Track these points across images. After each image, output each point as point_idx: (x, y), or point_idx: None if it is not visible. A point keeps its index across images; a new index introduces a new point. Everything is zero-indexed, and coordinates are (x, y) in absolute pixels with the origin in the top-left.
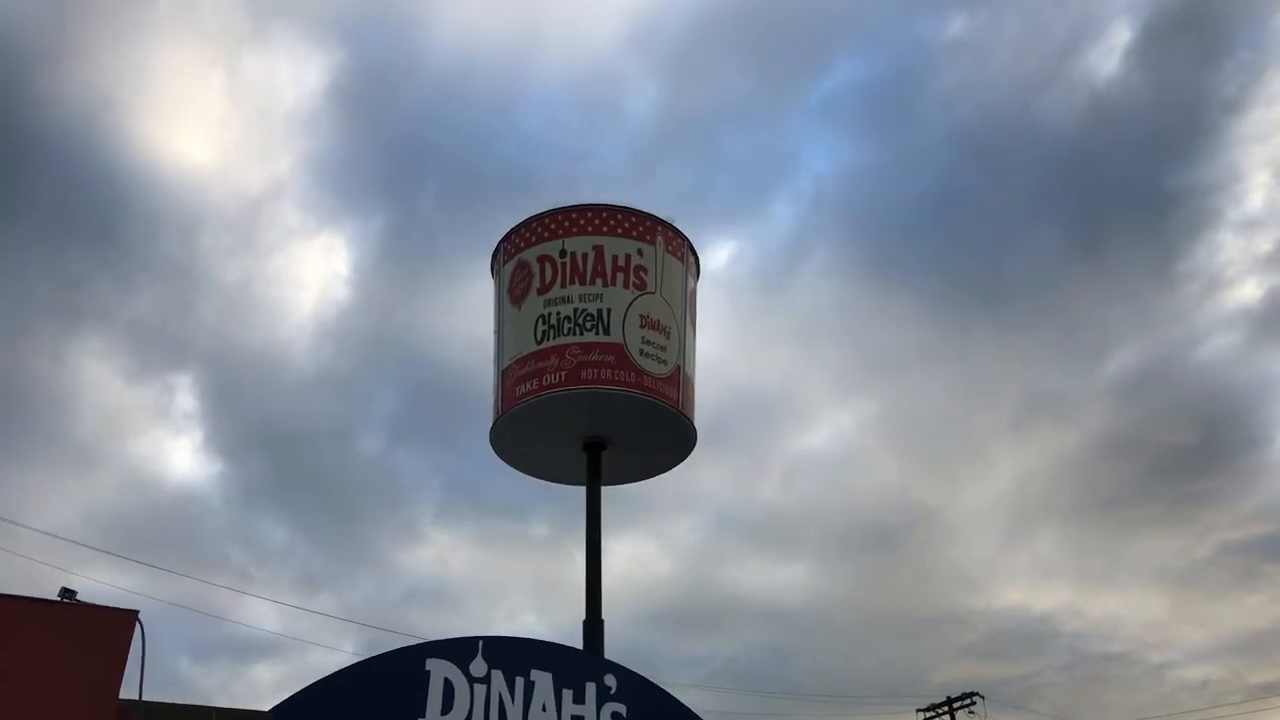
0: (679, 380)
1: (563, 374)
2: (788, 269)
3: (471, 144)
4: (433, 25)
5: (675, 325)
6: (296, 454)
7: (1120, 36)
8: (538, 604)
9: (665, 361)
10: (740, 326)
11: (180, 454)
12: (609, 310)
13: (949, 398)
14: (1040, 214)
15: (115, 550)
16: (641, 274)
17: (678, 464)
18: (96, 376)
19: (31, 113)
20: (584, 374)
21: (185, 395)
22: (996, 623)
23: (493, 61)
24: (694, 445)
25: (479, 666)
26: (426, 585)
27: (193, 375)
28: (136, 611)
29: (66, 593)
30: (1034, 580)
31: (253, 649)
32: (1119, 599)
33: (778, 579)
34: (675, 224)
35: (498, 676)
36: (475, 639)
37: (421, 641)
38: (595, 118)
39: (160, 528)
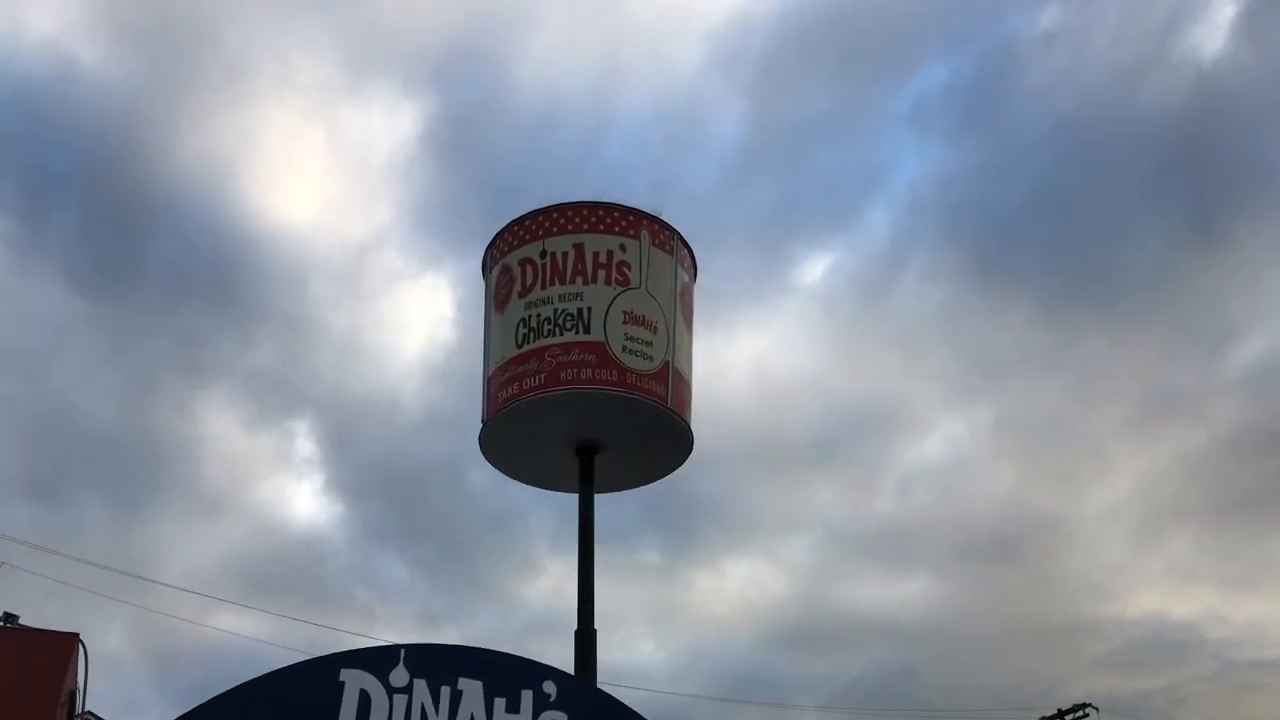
0: (668, 376)
1: (542, 376)
2: (887, 277)
3: (561, 178)
4: (517, 65)
5: (664, 320)
6: (412, 492)
7: (1224, 12)
8: (655, 631)
9: (651, 358)
10: (841, 339)
11: (302, 498)
12: (589, 309)
13: (1064, 399)
14: (1150, 204)
15: (247, 594)
16: (625, 269)
17: (677, 466)
18: (219, 426)
19: (148, 180)
20: (563, 375)
21: (304, 441)
22: (1132, 632)
23: (578, 95)
24: (691, 444)
25: (400, 676)
26: (545, 616)
27: (310, 421)
28: (76, 634)
29: (9, 616)
30: (1170, 586)
31: None
32: (1264, 603)
33: (896, 594)
34: (662, 217)
35: (420, 686)
36: (398, 647)
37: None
38: (681, 142)
39: (288, 570)
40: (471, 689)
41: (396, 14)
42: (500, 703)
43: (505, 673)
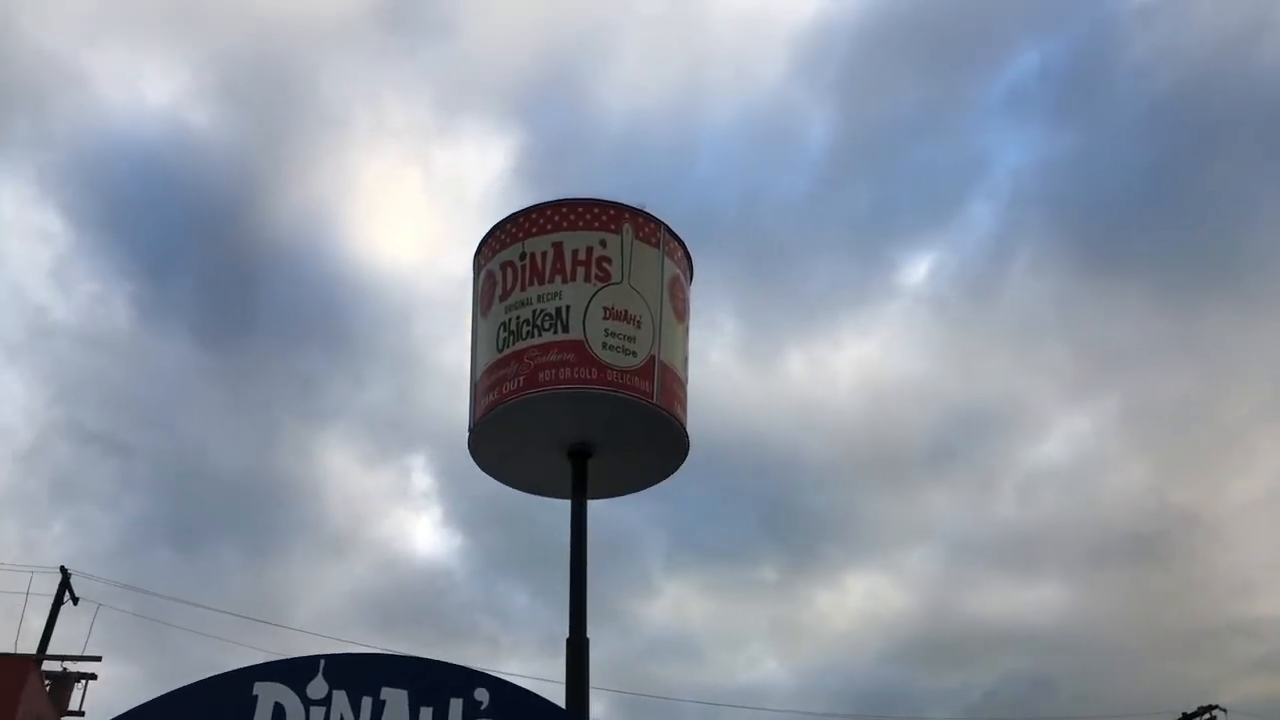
0: (653, 371)
1: (521, 379)
2: (994, 272)
3: (654, 198)
4: (602, 92)
5: (649, 314)
6: (526, 519)
7: None
8: (777, 650)
9: (634, 353)
10: (950, 339)
11: (422, 531)
12: (568, 307)
13: (1194, 387)
14: (1272, 174)
15: (376, 629)
16: (605, 265)
17: (676, 466)
18: (339, 466)
19: (259, 232)
20: (542, 376)
21: (421, 475)
22: None
23: (664, 115)
24: (685, 440)
25: (318, 688)
26: (666, 637)
27: (425, 455)
28: (30, 659)
29: None
30: None
31: None
32: None
33: (1027, 601)
34: (646, 210)
35: (340, 698)
36: (317, 658)
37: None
38: (771, 151)
39: (414, 604)
40: (395, 699)
41: (482, 52)
42: (427, 712)
43: (433, 680)
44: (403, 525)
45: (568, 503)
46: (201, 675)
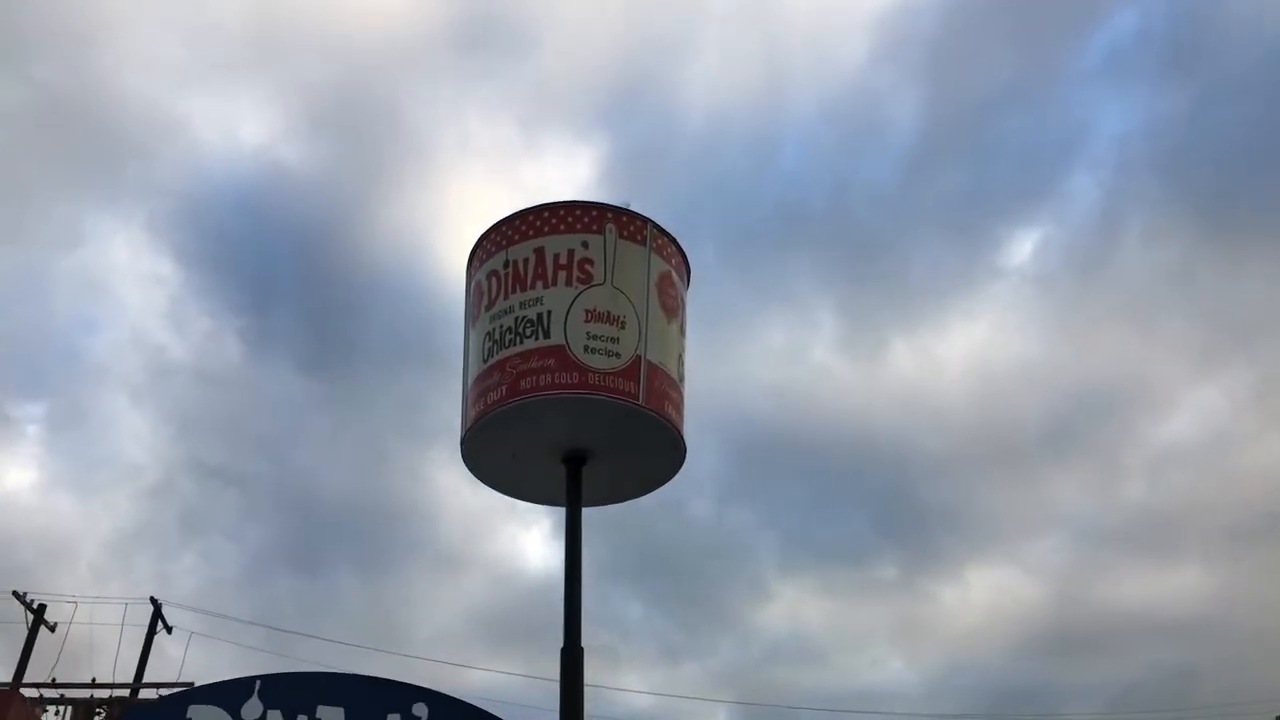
0: (639, 371)
1: (503, 388)
2: (1104, 245)
3: (740, 196)
4: (682, 94)
5: (633, 314)
6: (635, 528)
7: None
8: (903, 649)
9: (618, 354)
10: (1063, 318)
11: (532, 545)
12: (549, 312)
13: None
14: None
15: (495, 646)
16: (587, 267)
17: (675, 466)
18: (448, 485)
19: (355, 260)
20: (523, 383)
21: None
22: None
23: (745, 111)
24: (677, 441)
25: (253, 709)
26: (786, 642)
27: None
28: (13, 690)
29: None
30: None
31: None
32: None
33: (1165, 588)
34: (629, 208)
35: (275, 718)
36: (253, 679)
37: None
38: (857, 140)
39: (530, 618)
40: (332, 716)
41: (560, 65)
42: None
43: (369, 698)
44: (514, 540)
45: (678, 507)
46: None
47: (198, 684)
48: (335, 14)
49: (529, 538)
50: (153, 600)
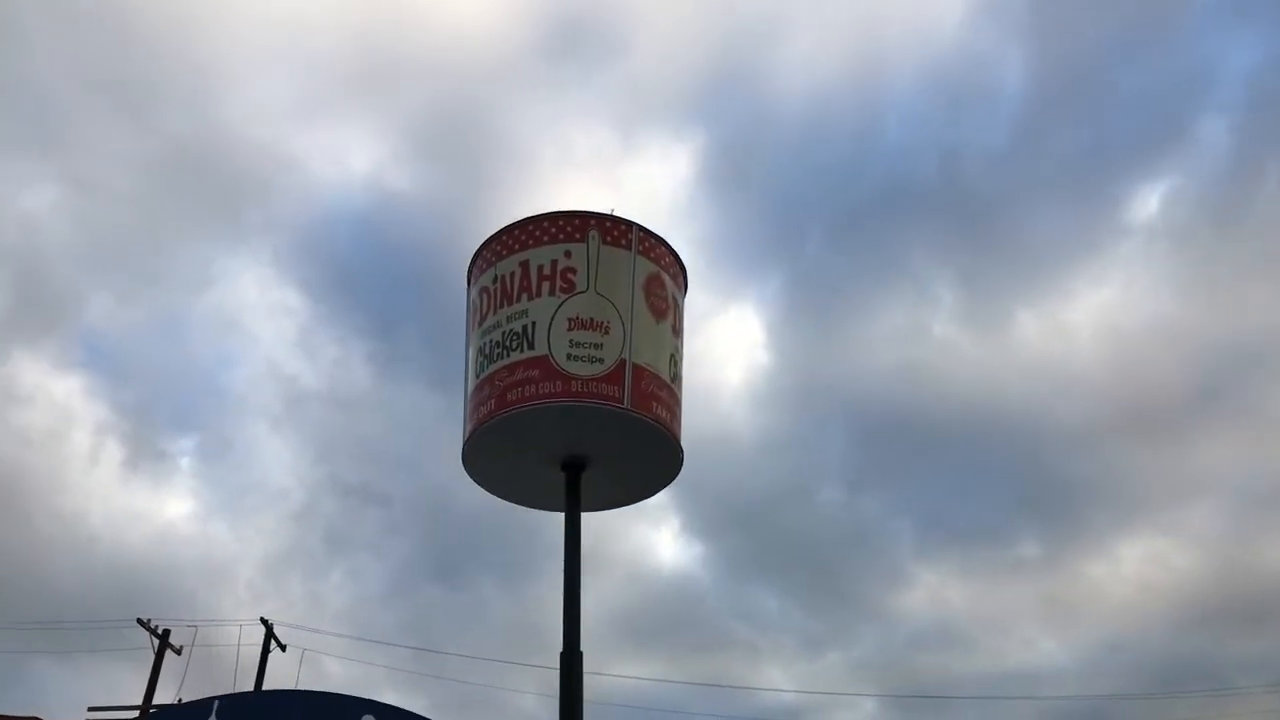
0: (623, 375)
1: (493, 402)
2: (1240, 191)
3: (845, 175)
4: (778, 78)
5: (618, 318)
6: (765, 521)
7: None
8: (1053, 629)
9: (601, 360)
10: (1198, 273)
11: (663, 544)
12: (534, 324)
13: None
14: None
15: (635, 645)
16: (569, 275)
17: (673, 467)
18: None
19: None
20: (510, 396)
21: None
22: None
23: (844, 88)
24: (670, 440)
25: None
26: (929, 627)
27: None
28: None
29: None
30: None
31: (777, 715)
32: None
33: None
34: (614, 214)
35: None
36: (211, 700)
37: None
38: (963, 106)
39: (668, 616)
40: None
41: (652, 63)
42: None
43: (320, 710)
44: (645, 539)
45: (807, 496)
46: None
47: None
48: (428, 39)
49: (659, 536)
50: (263, 621)
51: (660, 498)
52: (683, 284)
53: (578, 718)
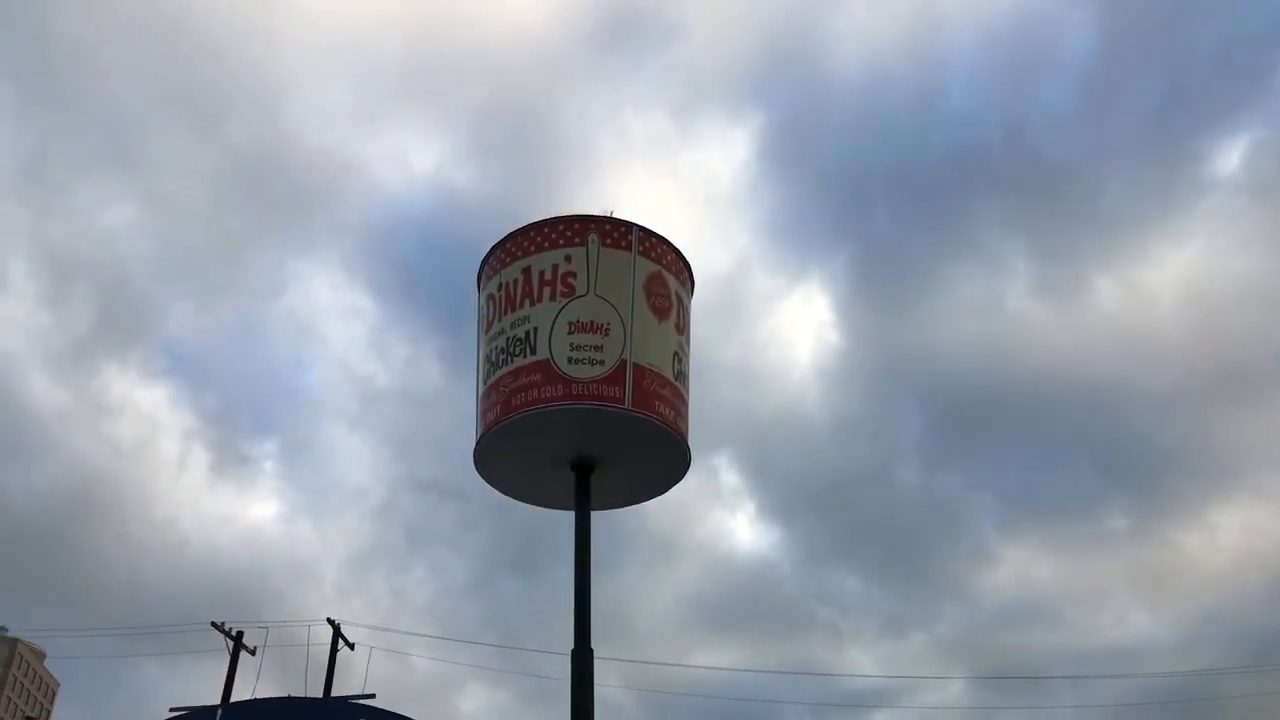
0: (624, 376)
1: (498, 408)
2: None
3: (908, 146)
4: (834, 53)
5: (618, 320)
6: (841, 501)
7: None
8: (1146, 602)
9: (602, 362)
10: None
11: (740, 529)
12: (536, 329)
13: None
14: None
15: (716, 630)
16: (570, 280)
17: (681, 460)
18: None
19: None
20: (514, 401)
21: (728, 474)
22: None
23: (903, 58)
24: (673, 437)
25: None
26: (1015, 604)
27: (727, 454)
28: None
29: None
30: None
31: (863, 697)
32: None
33: None
34: (612, 216)
35: None
36: (214, 708)
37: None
38: (1028, 68)
39: (747, 600)
40: None
41: (704, 46)
42: None
43: (318, 715)
44: (721, 525)
45: (885, 476)
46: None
47: (378, 694)
48: (483, 37)
49: (735, 522)
50: (330, 621)
51: (734, 482)
52: (688, 282)
53: (589, 713)
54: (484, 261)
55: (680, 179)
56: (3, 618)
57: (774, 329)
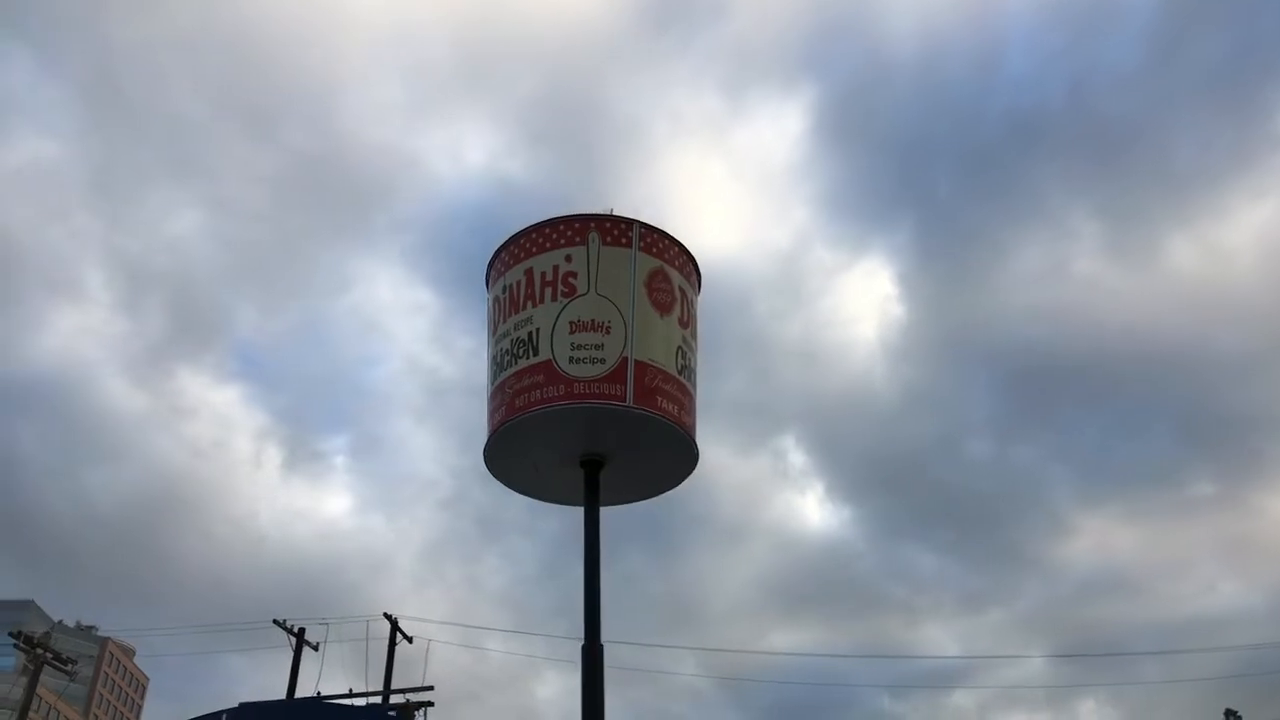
0: (625, 373)
1: (504, 409)
2: None
3: (967, 112)
4: (887, 19)
5: (619, 317)
6: (912, 477)
7: None
8: (1234, 571)
9: (603, 360)
10: None
11: (810, 508)
12: (538, 330)
13: None
14: None
15: (790, 611)
16: (570, 280)
17: (688, 451)
18: (716, 459)
19: None
20: (517, 403)
21: (796, 454)
22: None
23: (959, 22)
24: (677, 432)
25: None
26: (1097, 576)
27: (795, 434)
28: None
29: None
30: None
31: (943, 676)
32: None
33: None
34: (613, 214)
35: None
36: (220, 713)
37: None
38: (1089, 27)
39: (822, 580)
40: None
41: (753, 20)
42: None
43: (321, 716)
44: (790, 505)
45: (955, 450)
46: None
47: (435, 688)
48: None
49: (804, 502)
50: (387, 616)
51: (802, 462)
52: (693, 276)
53: (599, 708)
54: (490, 264)
55: (734, 156)
56: (93, 616)
57: (837, 305)
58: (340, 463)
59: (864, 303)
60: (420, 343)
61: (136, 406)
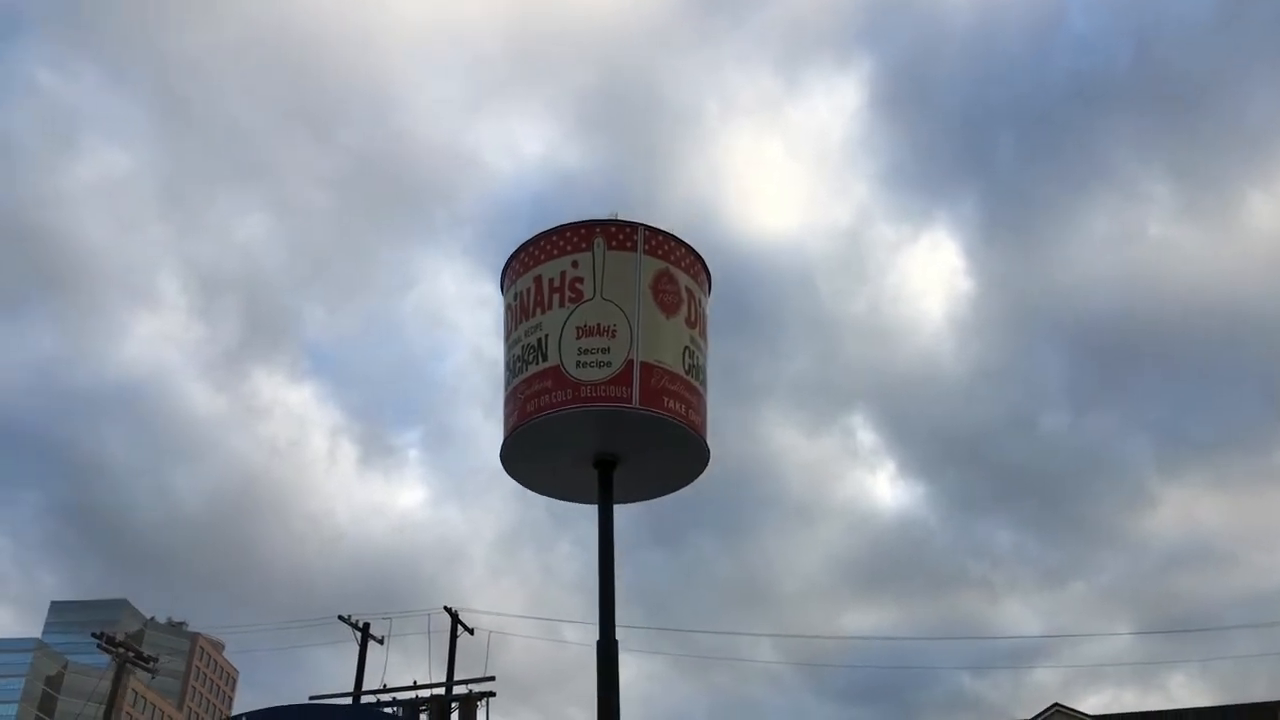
0: (632, 375)
1: (516, 415)
2: None
3: (1027, 78)
4: None
5: (624, 321)
6: (986, 452)
7: None
8: None
9: (609, 363)
10: None
11: (881, 487)
12: (546, 336)
13: None
14: None
15: (862, 590)
16: (577, 285)
17: (699, 449)
18: (784, 440)
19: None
20: (528, 408)
21: (865, 433)
22: None
23: None
24: (683, 431)
25: None
26: (1182, 548)
27: (863, 413)
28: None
29: None
30: None
31: (1025, 654)
32: None
33: None
34: (618, 219)
35: None
36: (237, 717)
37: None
38: None
39: (895, 559)
40: None
41: None
42: None
43: (327, 717)
44: (861, 484)
45: (1030, 424)
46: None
47: (498, 678)
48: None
49: (875, 480)
50: (448, 609)
51: (871, 441)
52: (702, 276)
53: (614, 705)
54: (503, 272)
55: (790, 134)
56: (183, 613)
57: (902, 280)
58: (413, 456)
59: (929, 277)
60: (485, 335)
61: (215, 408)
